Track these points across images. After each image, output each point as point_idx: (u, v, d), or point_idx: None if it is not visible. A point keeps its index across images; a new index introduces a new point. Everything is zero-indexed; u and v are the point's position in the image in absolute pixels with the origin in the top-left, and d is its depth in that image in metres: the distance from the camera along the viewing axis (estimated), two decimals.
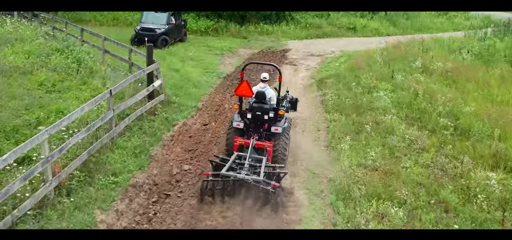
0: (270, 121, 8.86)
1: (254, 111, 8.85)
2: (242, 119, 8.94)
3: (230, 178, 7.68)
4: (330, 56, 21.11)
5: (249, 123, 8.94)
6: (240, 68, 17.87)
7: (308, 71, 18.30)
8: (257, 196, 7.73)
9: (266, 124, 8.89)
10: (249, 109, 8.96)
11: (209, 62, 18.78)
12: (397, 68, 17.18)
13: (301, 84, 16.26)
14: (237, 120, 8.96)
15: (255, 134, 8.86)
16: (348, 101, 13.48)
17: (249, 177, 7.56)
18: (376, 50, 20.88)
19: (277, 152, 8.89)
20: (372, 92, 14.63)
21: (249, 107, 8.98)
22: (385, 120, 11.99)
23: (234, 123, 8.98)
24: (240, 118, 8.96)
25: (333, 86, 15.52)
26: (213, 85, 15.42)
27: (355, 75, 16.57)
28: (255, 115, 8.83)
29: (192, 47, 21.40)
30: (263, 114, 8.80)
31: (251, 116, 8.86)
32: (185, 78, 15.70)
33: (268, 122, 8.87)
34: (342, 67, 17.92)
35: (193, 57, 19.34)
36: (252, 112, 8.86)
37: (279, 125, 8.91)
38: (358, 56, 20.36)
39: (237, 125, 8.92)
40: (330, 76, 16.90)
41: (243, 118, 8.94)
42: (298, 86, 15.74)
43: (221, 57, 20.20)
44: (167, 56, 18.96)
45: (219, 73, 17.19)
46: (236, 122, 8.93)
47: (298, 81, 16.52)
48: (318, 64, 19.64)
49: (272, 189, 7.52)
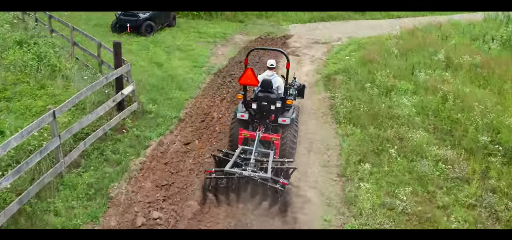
0: (277, 111, 8.27)
1: (259, 101, 8.25)
2: (247, 109, 8.35)
3: (235, 176, 7.01)
4: (337, 44, 18.62)
5: (254, 114, 8.35)
6: (234, 61, 15.50)
7: (313, 63, 15.86)
8: (264, 194, 7.09)
9: (272, 115, 8.31)
10: (254, 99, 8.36)
11: (199, 53, 16.32)
12: (416, 61, 14.75)
13: (305, 80, 13.80)
14: (242, 110, 8.36)
15: (261, 126, 8.28)
16: (363, 108, 11.13)
17: (255, 174, 6.96)
18: (389, 37, 18.42)
19: (285, 145, 8.26)
20: (390, 93, 12.27)
21: (254, 97, 8.38)
22: (411, 136, 9.67)
23: (238, 114, 8.37)
24: (245, 108, 8.35)
25: (343, 85, 13.14)
26: (201, 84, 13.03)
27: (368, 70, 14.17)
28: (261, 105, 8.25)
29: (181, 34, 18.90)
30: (269, 104, 8.21)
31: (257, 107, 8.28)
32: (169, 75, 13.31)
33: (275, 113, 8.28)
34: (352, 59, 15.45)
35: (181, 46, 16.87)
36: (258, 102, 8.26)
37: (287, 116, 8.31)
38: (369, 44, 17.90)
39: (241, 116, 8.32)
40: (339, 71, 14.49)
41: (248, 108, 8.34)
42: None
43: (214, 46, 17.73)
44: (152, 46, 16.50)
45: (209, 67, 14.76)
46: (241, 113, 8.32)
47: (302, 77, 14.09)
48: (324, 54, 17.19)
49: (280, 187, 6.93)
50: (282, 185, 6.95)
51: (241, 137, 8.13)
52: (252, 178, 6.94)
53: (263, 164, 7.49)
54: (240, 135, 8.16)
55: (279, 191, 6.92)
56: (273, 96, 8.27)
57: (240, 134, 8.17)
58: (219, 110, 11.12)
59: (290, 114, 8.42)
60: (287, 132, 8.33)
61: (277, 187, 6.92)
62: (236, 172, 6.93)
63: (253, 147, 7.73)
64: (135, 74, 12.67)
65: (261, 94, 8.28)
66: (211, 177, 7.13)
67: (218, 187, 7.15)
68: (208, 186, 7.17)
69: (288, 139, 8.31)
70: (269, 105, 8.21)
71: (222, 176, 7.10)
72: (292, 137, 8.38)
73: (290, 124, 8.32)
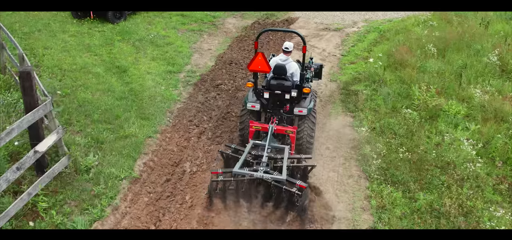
0: (292, 101, 7.46)
1: (272, 89, 7.42)
2: (258, 99, 7.53)
3: (245, 178, 6.16)
4: (352, 32, 14.95)
5: (266, 103, 7.54)
6: (223, 60, 12.01)
7: (324, 63, 12.30)
8: (279, 198, 6.16)
9: (287, 105, 7.52)
10: (266, 87, 7.53)
11: (178, 48, 12.72)
12: (461, 63, 11.23)
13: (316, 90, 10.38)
14: (252, 100, 7.53)
15: (275, 118, 7.47)
16: (402, 152, 7.75)
17: (268, 175, 6.05)
18: (417, 22, 14.75)
19: (302, 138, 7.49)
20: (435, 121, 8.86)
21: (267, 85, 7.55)
22: (481, 214, 6.34)
23: (248, 104, 7.53)
24: (256, 97, 7.53)
25: (369, 104, 9.68)
26: (174, 105, 9.55)
27: (399, 79, 10.67)
28: (274, 94, 7.44)
29: (160, 19, 15.19)
30: (283, 92, 7.39)
31: (269, 96, 7.47)
32: (131, 90, 9.82)
33: (290, 103, 7.49)
34: (377, 61, 11.86)
35: (156, 38, 13.24)
36: (271, 90, 7.43)
37: (303, 106, 7.43)
38: (393, 32, 14.27)
39: (252, 107, 7.49)
40: (361, 79, 10.97)
41: (259, 97, 7.52)
42: None
43: (199, 35, 14.09)
44: (118, 39, 12.88)
45: (189, 72, 11.23)
46: (251, 103, 7.49)
47: (313, 85, 10.61)
48: (337, 47, 13.58)
49: (297, 192, 6.00)
50: (300, 189, 6.06)
51: (252, 130, 7.28)
52: (265, 180, 6.15)
53: (277, 162, 6.62)
54: (251, 128, 7.29)
55: (296, 195, 6.02)
56: (288, 83, 7.37)
57: (251, 127, 7.30)
58: (194, 157, 7.72)
59: (307, 103, 7.48)
60: (304, 124, 7.46)
61: (294, 191, 6.02)
62: (246, 173, 6.08)
63: (265, 142, 6.86)
64: (82, 93, 9.20)
65: (274, 82, 7.38)
66: (218, 180, 6.26)
67: (226, 191, 6.32)
68: (215, 190, 6.31)
69: (305, 132, 7.46)
70: (283, 94, 7.38)
71: (231, 179, 6.26)
72: (310, 130, 7.49)
73: (308, 115, 7.42)
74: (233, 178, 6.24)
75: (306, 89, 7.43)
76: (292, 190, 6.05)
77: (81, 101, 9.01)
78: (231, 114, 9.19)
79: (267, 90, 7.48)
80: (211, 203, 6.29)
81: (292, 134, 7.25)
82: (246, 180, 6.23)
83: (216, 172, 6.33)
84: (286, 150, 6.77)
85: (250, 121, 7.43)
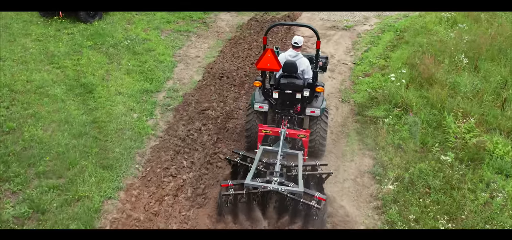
0: (304, 101, 6.79)
1: (282, 88, 6.75)
2: (266, 99, 6.88)
3: (258, 190, 5.55)
4: (364, 31, 12.91)
5: (275, 104, 6.87)
6: (212, 73, 10.11)
7: (333, 74, 10.31)
8: (296, 211, 5.60)
9: (298, 105, 6.87)
10: (275, 86, 6.87)
11: (159, 55, 10.72)
12: (500, 79, 9.26)
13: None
14: (260, 100, 6.88)
15: (286, 120, 6.82)
16: (442, 223, 5.86)
17: (284, 187, 5.52)
18: (440, 21, 12.68)
19: (315, 141, 6.90)
20: (480, 166, 6.94)
21: (275, 83, 6.90)
22: None
23: (255, 105, 6.85)
24: (264, 97, 6.88)
25: (391, 137, 7.76)
26: (148, 143, 7.59)
27: (427, 101, 8.72)
28: (284, 93, 6.76)
29: (142, 17, 13.13)
30: (294, 92, 6.73)
31: (279, 95, 6.79)
32: (95, 122, 7.89)
33: (302, 103, 6.81)
34: (398, 74, 9.85)
35: (134, 43, 11.22)
36: (280, 89, 6.76)
37: (316, 106, 6.83)
38: (412, 32, 12.26)
39: (260, 108, 6.82)
40: (379, 99, 9.00)
41: (268, 97, 6.87)
42: None
43: (186, 37, 12.06)
44: (88, 46, 10.88)
45: (171, 92, 9.26)
46: (259, 104, 6.83)
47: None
48: (347, 52, 11.58)
49: (317, 205, 5.35)
50: (319, 201, 5.42)
51: (262, 134, 6.75)
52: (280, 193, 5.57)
53: (291, 170, 6.07)
54: (260, 132, 6.75)
55: (315, 209, 5.37)
56: (299, 82, 6.82)
57: (260, 131, 6.75)
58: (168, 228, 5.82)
59: (320, 103, 6.98)
60: (317, 126, 6.98)
61: (313, 205, 5.37)
62: (259, 185, 5.54)
63: (276, 148, 6.32)
64: (32, 127, 7.24)
65: (284, 80, 6.83)
66: (228, 193, 5.60)
67: (238, 204, 5.73)
68: (226, 204, 5.68)
69: (318, 134, 6.98)
70: (294, 94, 6.82)
71: (243, 192, 5.63)
72: (322, 132, 7.01)
73: (320, 116, 6.93)
74: (245, 191, 5.66)
75: (319, 88, 6.82)
76: (311, 203, 5.46)
77: (28, 140, 7.08)
78: (219, 156, 7.27)
79: (276, 89, 6.85)
80: (222, 218, 5.80)
81: (305, 138, 6.69)
82: (259, 193, 5.68)
83: (226, 185, 5.74)
84: (300, 157, 6.17)
85: (259, 125, 6.81)
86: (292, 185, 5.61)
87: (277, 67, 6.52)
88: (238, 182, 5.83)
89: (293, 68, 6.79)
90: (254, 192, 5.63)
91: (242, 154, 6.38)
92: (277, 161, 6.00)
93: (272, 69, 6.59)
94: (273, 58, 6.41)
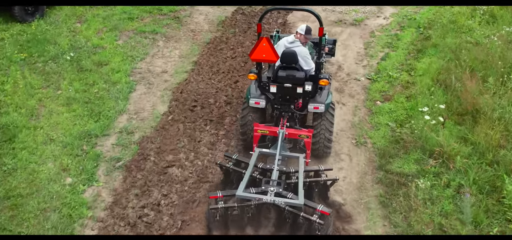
0: (306, 95, 5.96)
1: (281, 81, 5.91)
2: (263, 93, 6.05)
3: (251, 203, 4.86)
4: (378, 26, 10.36)
5: (273, 99, 6.07)
6: (182, 99, 7.63)
7: (342, 99, 7.87)
8: (295, 225, 4.96)
9: (299, 101, 6.06)
10: (273, 79, 6.01)
11: (113, 72, 8.17)
12: None
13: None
14: (256, 95, 6.10)
15: (285, 119, 6.03)
16: None
17: (281, 200, 4.89)
18: (472, 14, 10.15)
19: (319, 143, 6.14)
20: None
21: (273, 76, 6.05)
22: None
23: (251, 100, 6.05)
24: (260, 92, 6.08)
25: (431, 211, 5.46)
26: (82, 231, 5.21)
27: (473, 147, 6.35)
28: (283, 87, 5.91)
29: (96, 11, 10.42)
30: (295, 85, 5.87)
31: (277, 89, 5.96)
32: (6, 199, 5.47)
33: (303, 98, 5.99)
34: (427, 97, 7.42)
35: (83, 53, 8.63)
36: (278, 83, 5.92)
37: (320, 101, 6.03)
38: (439, 29, 9.80)
39: (256, 103, 6.04)
40: (407, 144, 6.59)
41: (264, 92, 6.00)
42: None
43: (152, 42, 9.46)
44: (19, 59, 8.31)
45: (122, 135, 6.78)
46: (254, 99, 6.03)
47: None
48: (360, 60, 9.09)
49: (319, 221, 4.72)
50: (322, 216, 4.69)
51: (258, 135, 5.85)
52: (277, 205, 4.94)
53: (290, 177, 5.33)
54: (256, 132, 5.83)
55: (317, 225, 4.63)
56: (300, 74, 5.89)
57: (255, 130, 5.83)
58: None
59: (324, 97, 6.04)
60: (321, 124, 6.06)
61: (314, 220, 4.69)
62: (253, 197, 4.88)
63: (274, 150, 5.57)
64: None
65: (283, 73, 5.91)
66: (218, 207, 4.84)
67: (229, 217, 5.03)
68: (215, 218, 4.96)
69: (322, 134, 6.05)
70: (295, 88, 5.88)
71: (234, 205, 4.93)
72: (328, 132, 6.08)
73: (325, 112, 5.99)
74: (236, 204, 5.05)
75: (323, 81, 6.04)
76: (312, 218, 4.79)
77: None
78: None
79: (274, 83, 6.07)
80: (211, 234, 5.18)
81: (307, 139, 5.91)
82: (253, 205, 4.99)
83: (215, 196, 5.11)
84: (301, 161, 5.48)
85: (255, 124, 6.04)
86: (291, 196, 5.00)
87: (274, 58, 5.69)
88: (229, 192, 5.16)
89: (292, 58, 5.92)
90: (247, 205, 4.97)
91: (235, 159, 5.62)
92: (275, 166, 5.32)
93: (269, 61, 5.74)
94: (269, 47, 5.58)
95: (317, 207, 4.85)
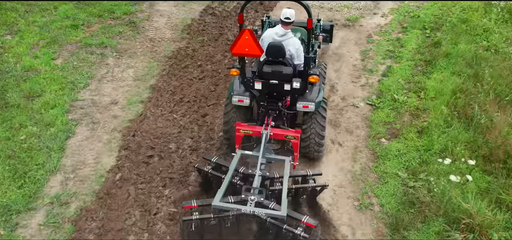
0: (294, 93, 5.42)
1: (266, 77, 5.44)
2: (247, 90, 5.49)
3: (229, 213, 4.48)
4: (376, 28, 8.75)
5: (258, 96, 5.57)
6: (135, 146, 5.93)
7: (337, 135, 6.31)
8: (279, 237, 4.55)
9: (287, 98, 5.51)
10: (258, 75, 5.54)
11: (47, 109, 6.39)
12: None
13: None
14: (239, 92, 5.56)
15: (270, 117, 5.50)
16: None
17: (262, 210, 4.42)
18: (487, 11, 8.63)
19: (309, 145, 5.61)
20: None
21: (258, 71, 5.57)
22: None
23: (233, 98, 5.54)
24: (244, 88, 5.52)
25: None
26: None
27: (507, 211, 4.90)
28: (269, 84, 5.46)
29: (33, 18, 8.48)
30: (282, 82, 5.41)
31: (262, 86, 5.48)
32: None
33: (292, 95, 5.45)
34: (445, 134, 5.93)
35: (8, 81, 6.79)
36: (264, 79, 5.45)
37: (310, 98, 5.48)
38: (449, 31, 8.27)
39: (239, 101, 5.52)
40: (424, 208, 5.11)
41: (249, 88, 5.48)
42: None
43: (99, 59, 7.66)
44: None
45: (54, 207, 5.08)
46: (238, 97, 5.52)
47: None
48: (356, 76, 7.50)
49: (303, 234, 4.29)
50: (307, 229, 4.25)
51: (240, 135, 5.35)
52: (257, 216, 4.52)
53: (274, 183, 4.88)
54: (238, 132, 5.33)
55: (302, 239, 4.26)
56: (287, 70, 5.42)
57: (237, 130, 5.33)
58: None
59: (315, 95, 5.51)
60: (312, 123, 5.54)
61: (299, 234, 4.27)
62: (231, 208, 4.46)
63: (257, 152, 5.11)
64: None
65: (268, 68, 5.42)
66: (192, 219, 4.42)
67: (206, 228, 4.55)
68: (189, 232, 4.51)
69: (313, 135, 5.54)
70: (282, 84, 5.37)
71: (210, 216, 4.48)
72: (319, 133, 5.55)
73: (316, 111, 5.49)
74: (212, 215, 4.52)
75: (313, 78, 5.36)
76: (295, 231, 4.28)
77: None
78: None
79: (259, 79, 5.44)
80: None
81: (295, 140, 5.31)
82: (231, 216, 4.51)
83: (189, 207, 4.56)
84: (287, 165, 4.97)
85: (237, 123, 5.40)
86: (273, 205, 4.50)
87: (258, 53, 5.22)
88: (205, 202, 4.70)
89: (279, 51, 5.41)
90: (225, 215, 4.55)
91: (215, 162, 5.16)
92: (256, 172, 4.82)
93: (252, 55, 5.29)
94: (252, 40, 5.11)
95: (302, 218, 4.36)
